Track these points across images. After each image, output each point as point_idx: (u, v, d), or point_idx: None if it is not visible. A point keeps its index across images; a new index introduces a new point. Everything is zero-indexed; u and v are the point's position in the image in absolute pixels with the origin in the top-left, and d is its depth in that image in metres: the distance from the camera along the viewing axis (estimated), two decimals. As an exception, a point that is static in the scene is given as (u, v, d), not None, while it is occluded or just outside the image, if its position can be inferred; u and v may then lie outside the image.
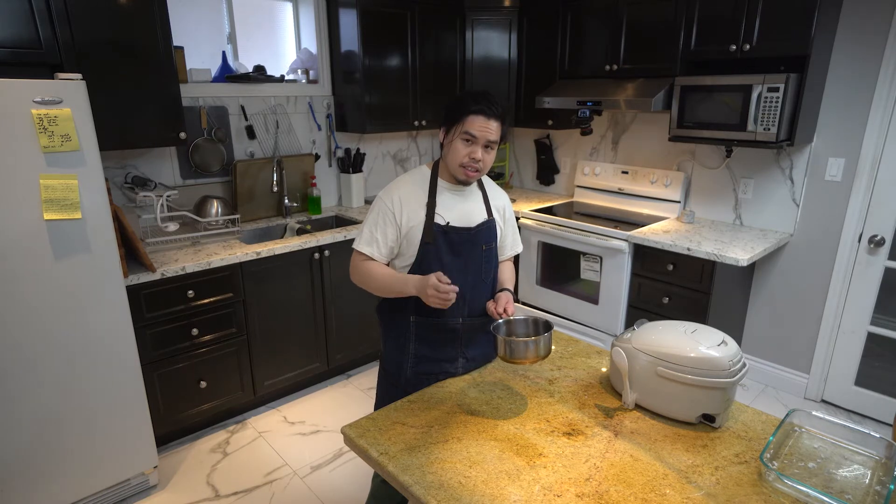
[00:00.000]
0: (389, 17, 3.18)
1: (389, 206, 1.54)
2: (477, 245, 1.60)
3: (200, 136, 2.89)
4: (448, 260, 1.56)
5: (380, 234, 1.54)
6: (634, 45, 3.01)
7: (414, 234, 1.54)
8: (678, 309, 2.76)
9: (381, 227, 1.54)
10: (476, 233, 1.59)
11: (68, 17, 2.13)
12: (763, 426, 1.36)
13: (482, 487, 1.14)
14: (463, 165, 1.51)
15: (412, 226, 1.54)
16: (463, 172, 1.52)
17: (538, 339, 1.40)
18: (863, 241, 2.69)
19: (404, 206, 1.54)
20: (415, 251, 1.55)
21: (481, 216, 1.62)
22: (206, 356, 2.56)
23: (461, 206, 1.59)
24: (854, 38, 2.54)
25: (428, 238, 1.53)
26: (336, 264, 2.92)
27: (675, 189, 3.23)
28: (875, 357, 2.77)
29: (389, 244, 1.55)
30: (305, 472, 2.43)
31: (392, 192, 1.57)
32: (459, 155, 1.50)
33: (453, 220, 1.56)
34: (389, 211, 1.54)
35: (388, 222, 1.54)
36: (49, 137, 1.78)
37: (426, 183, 1.58)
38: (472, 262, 1.60)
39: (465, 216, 1.59)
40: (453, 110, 1.51)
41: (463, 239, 1.57)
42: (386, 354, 1.71)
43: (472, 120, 1.47)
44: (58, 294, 1.90)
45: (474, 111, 1.47)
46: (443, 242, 1.55)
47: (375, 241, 1.54)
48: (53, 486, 2.01)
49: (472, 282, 1.60)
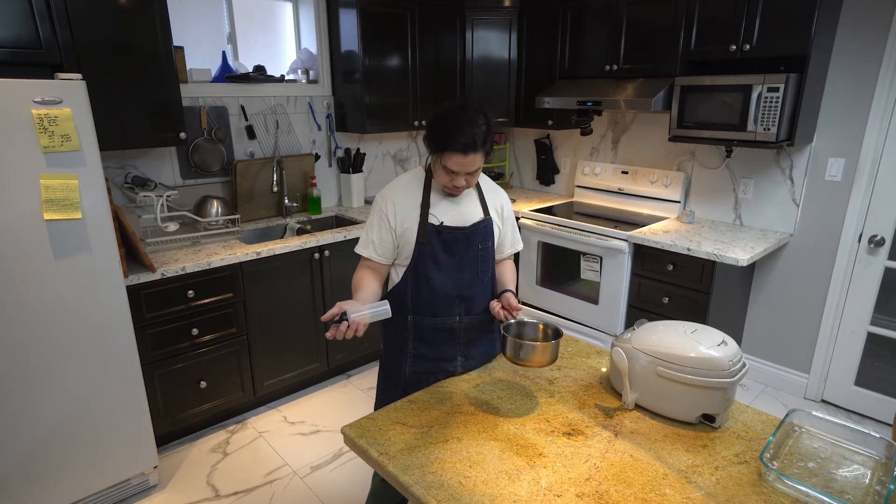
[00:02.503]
0: (389, 17, 3.18)
1: (384, 208, 1.57)
2: (472, 244, 1.60)
3: (200, 136, 2.89)
4: (443, 259, 1.57)
5: (375, 236, 1.58)
6: (634, 45, 3.01)
7: (409, 234, 1.56)
8: (678, 309, 2.76)
9: (376, 230, 1.58)
10: (471, 232, 1.59)
11: (68, 17, 2.13)
12: (763, 426, 1.36)
13: (482, 487, 1.14)
14: (446, 187, 1.54)
15: (407, 227, 1.56)
16: (448, 191, 1.56)
17: (548, 345, 1.41)
18: (863, 241, 2.69)
19: (398, 207, 1.56)
20: (410, 251, 1.56)
21: (477, 216, 1.62)
22: (206, 356, 2.56)
23: (456, 207, 1.60)
24: (854, 37, 2.54)
25: (422, 237, 1.54)
26: (336, 264, 2.92)
27: (675, 189, 3.23)
28: (875, 357, 2.77)
29: (385, 245, 1.58)
30: (305, 472, 2.43)
31: (387, 194, 1.59)
32: (441, 180, 1.53)
33: (448, 220, 1.57)
34: (384, 213, 1.57)
35: (382, 225, 1.57)
36: (49, 137, 1.78)
37: (420, 184, 1.59)
38: (468, 261, 1.60)
39: (461, 216, 1.59)
40: (436, 136, 1.46)
41: (457, 238, 1.58)
42: (385, 355, 1.73)
43: (451, 157, 1.45)
44: (58, 294, 1.90)
45: (453, 149, 1.43)
46: (437, 242, 1.56)
47: (371, 244, 1.59)
48: (53, 486, 2.01)
49: (468, 281, 1.61)
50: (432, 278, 1.57)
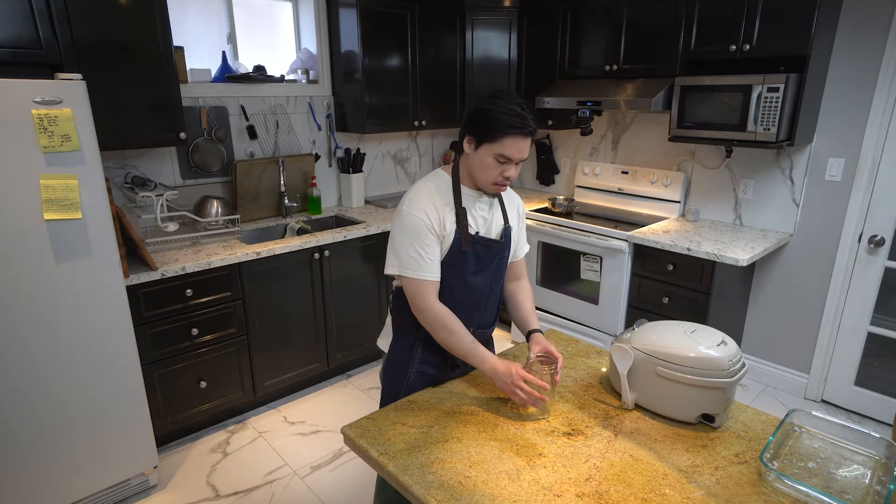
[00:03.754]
0: (389, 17, 3.18)
1: (426, 220, 1.42)
2: (497, 254, 1.54)
3: (200, 136, 2.89)
4: (471, 270, 1.49)
5: (430, 252, 1.42)
6: (634, 45, 3.01)
7: (444, 244, 1.45)
8: (678, 309, 2.76)
9: (426, 246, 1.42)
10: (499, 242, 1.54)
11: (68, 17, 2.13)
12: (763, 426, 1.36)
13: (482, 487, 1.14)
14: (496, 183, 1.43)
15: (444, 235, 1.44)
16: (495, 188, 1.45)
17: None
18: (863, 241, 2.69)
19: (441, 215, 1.44)
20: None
21: (500, 223, 1.56)
22: (206, 356, 2.56)
23: (483, 214, 1.52)
24: (854, 37, 2.54)
25: (466, 247, 1.44)
26: (336, 264, 2.92)
27: (675, 189, 3.23)
28: (875, 357, 2.77)
29: (437, 261, 1.44)
30: (305, 472, 2.43)
31: (419, 204, 1.44)
32: (491, 174, 1.41)
33: (480, 229, 1.50)
34: (428, 225, 1.42)
35: (430, 238, 1.42)
36: (49, 137, 1.78)
37: (449, 190, 1.48)
38: (490, 271, 1.55)
39: (488, 224, 1.52)
40: (487, 123, 1.36)
41: (488, 248, 1.51)
42: (390, 354, 1.65)
43: (511, 142, 1.34)
44: (58, 294, 1.90)
45: (513, 132, 1.34)
46: (471, 252, 1.47)
47: (431, 262, 1.42)
48: (53, 486, 2.01)
49: (486, 292, 1.56)
50: (456, 288, 1.48)
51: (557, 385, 1.47)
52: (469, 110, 1.43)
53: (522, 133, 1.36)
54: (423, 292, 1.44)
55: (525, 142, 1.38)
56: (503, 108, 1.35)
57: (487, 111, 1.36)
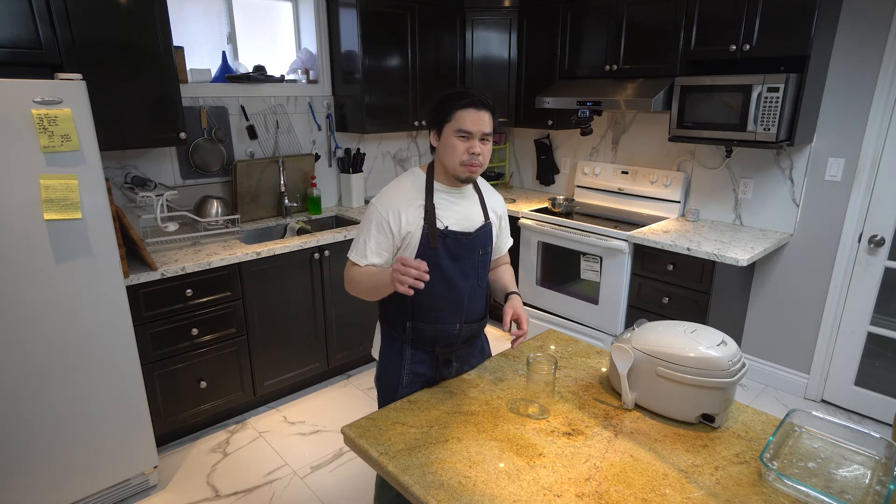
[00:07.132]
0: (389, 17, 3.18)
1: (384, 214, 1.49)
2: (475, 250, 1.57)
3: (200, 136, 2.89)
4: (446, 265, 1.53)
5: (373, 243, 1.51)
6: (634, 45, 3.01)
7: (411, 239, 1.50)
8: (678, 309, 2.76)
9: (374, 237, 1.51)
10: (475, 237, 1.56)
11: (68, 17, 2.13)
12: (763, 426, 1.36)
13: (482, 487, 1.14)
14: (464, 163, 1.46)
15: (409, 231, 1.49)
16: (465, 170, 1.47)
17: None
18: (863, 241, 2.69)
19: (401, 212, 1.49)
20: (412, 257, 1.50)
21: (479, 220, 1.59)
22: (206, 356, 2.56)
23: (458, 210, 1.55)
24: (854, 38, 2.54)
25: (434, 242, 1.49)
26: (336, 264, 2.92)
27: (675, 189, 3.23)
28: (875, 357, 2.77)
29: (383, 254, 1.52)
30: (305, 472, 2.43)
31: (386, 199, 1.52)
32: (458, 152, 1.45)
33: (451, 224, 1.53)
34: (383, 219, 1.49)
35: (381, 231, 1.50)
36: (49, 137, 1.78)
37: (422, 186, 1.53)
38: (470, 266, 1.57)
39: (463, 220, 1.55)
40: (441, 110, 1.47)
41: (461, 244, 1.54)
42: (381, 359, 1.67)
43: (463, 115, 1.43)
44: (58, 294, 1.90)
45: (463, 105, 1.44)
46: (441, 247, 1.51)
47: (369, 251, 1.51)
48: (53, 486, 2.01)
49: (469, 287, 1.58)
50: (435, 285, 1.50)
51: (521, 342, 1.51)
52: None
53: (473, 105, 1.44)
54: (351, 271, 1.54)
55: (479, 113, 1.44)
56: (450, 92, 1.50)
57: (438, 102, 1.50)
